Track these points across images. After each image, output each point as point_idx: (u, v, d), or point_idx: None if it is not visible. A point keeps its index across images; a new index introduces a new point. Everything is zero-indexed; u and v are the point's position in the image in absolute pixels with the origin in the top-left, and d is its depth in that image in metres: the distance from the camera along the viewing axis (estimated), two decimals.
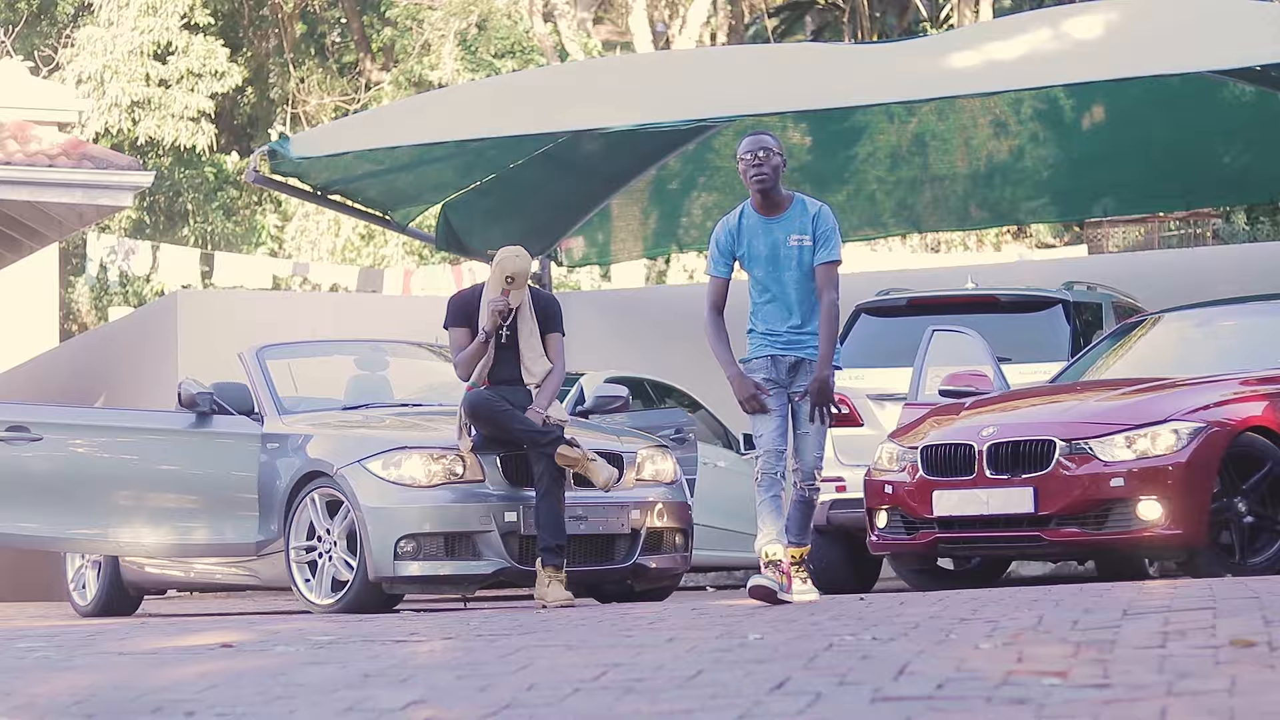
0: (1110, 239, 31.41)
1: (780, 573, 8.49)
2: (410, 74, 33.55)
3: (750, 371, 8.73)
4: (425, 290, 26.18)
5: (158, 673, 5.73)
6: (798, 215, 8.73)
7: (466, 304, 10.71)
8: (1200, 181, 18.17)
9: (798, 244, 8.67)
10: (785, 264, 8.68)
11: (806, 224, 8.69)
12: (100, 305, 33.76)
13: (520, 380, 10.54)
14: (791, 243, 8.67)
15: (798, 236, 8.68)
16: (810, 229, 8.68)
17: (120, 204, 18.75)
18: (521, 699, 4.62)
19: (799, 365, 8.73)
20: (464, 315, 10.65)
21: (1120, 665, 4.70)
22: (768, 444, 8.65)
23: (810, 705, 4.27)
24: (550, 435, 10.23)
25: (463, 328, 10.63)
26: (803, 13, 39.69)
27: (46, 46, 35.23)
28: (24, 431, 11.68)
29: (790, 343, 8.73)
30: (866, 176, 18.46)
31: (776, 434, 8.66)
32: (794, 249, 8.67)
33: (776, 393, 8.70)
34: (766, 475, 8.62)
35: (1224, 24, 13.03)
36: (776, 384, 8.71)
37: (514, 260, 10.52)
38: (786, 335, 8.72)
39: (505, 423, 10.30)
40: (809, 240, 8.67)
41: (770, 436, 8.65)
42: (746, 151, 8.66)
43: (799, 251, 8.67)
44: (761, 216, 8.75)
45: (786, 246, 8.68)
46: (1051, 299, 12.42)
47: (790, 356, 8.73)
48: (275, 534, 10.88)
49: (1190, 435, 9.68)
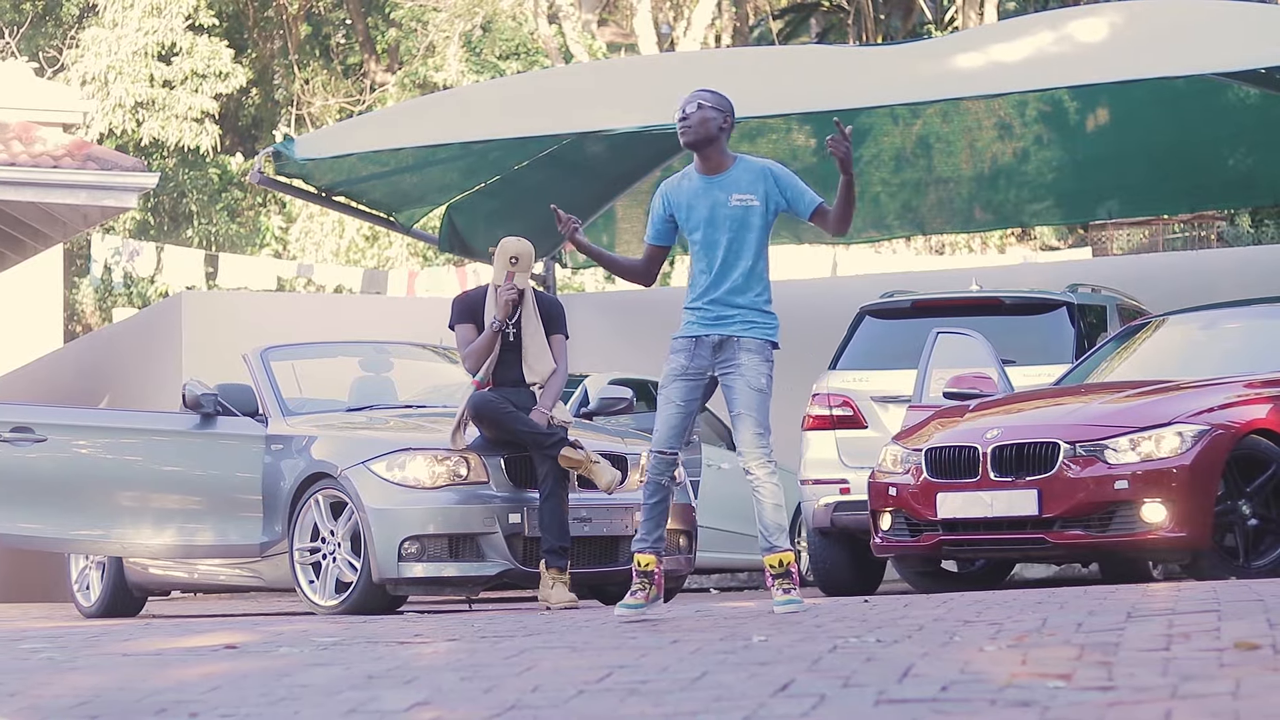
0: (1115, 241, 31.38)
1: (652, 583, 7.98)
2: (415, 75, 33.56)
3: (672, 353, 8.03)
4: (430, 292, 26.18)
5: (162, 674, 5.73)
6: (742, 174, 8.07)
7: (472, 303, 10.78)
8: (1205, 184, 18.17)
9: (741, 203, 8.01)
10: (723, 225, 8.01)
11: (754, 183, 8.04)
12: (105, 306, 33.78)
13: (523, 381, 10.57)
14: (734, 202, 8.01)
15: (740, 196, 8.02)
16: (760, 188, 8.04)
17: (125, 205, 18.75)
18: (526, 700, 4.62)
19: (724, 344, 7.98)
20: (470, 313, 10.73)
21: (1124, 668, 4.70)
22: (660, 443, 7.98)
23: (814, 708, 4.27)
24: (554, 437, 10.24)
25: (469, 324, 10.70)
26: (807, 15, 39.69)
27: (51, 47, 35.26)
28: (28, 432, 11.69)
29: (719, 318, 7.99)
30: (871, 179, 18.45)
31: (672, 433, 7.98)
32: (736, 209, 8.01)
33: (689, 384, 8.00)
34: (653, 482, 7.99)
35: (1228, 26, 13.03)
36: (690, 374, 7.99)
37: (516, 242, 10.61)
38: (716, 308, 7.99)
39: (509, 424, 10.31)
40: (755, 200, 8.02)
41: (664, 434, 7.99)
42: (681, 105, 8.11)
43: (743, 212, 8.00)
44: (702, 176, 8.11)
45: (728, 207, 8.01)
46: (1056, 301, 12.41)
47: (714, 335, 7.97)
48: (279, 535, 10.89)
49: (1195, 438, 9.68)
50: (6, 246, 20.46)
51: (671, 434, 7.98)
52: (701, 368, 8.02)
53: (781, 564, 7.88)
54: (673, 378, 8.03)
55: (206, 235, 33.47)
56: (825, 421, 12.20)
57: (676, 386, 8.02)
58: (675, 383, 8.02)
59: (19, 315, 26.09)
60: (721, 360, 8.00)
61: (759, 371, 7.95)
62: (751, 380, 7.94)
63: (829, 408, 12.20)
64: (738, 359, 7.96)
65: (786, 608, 7.78)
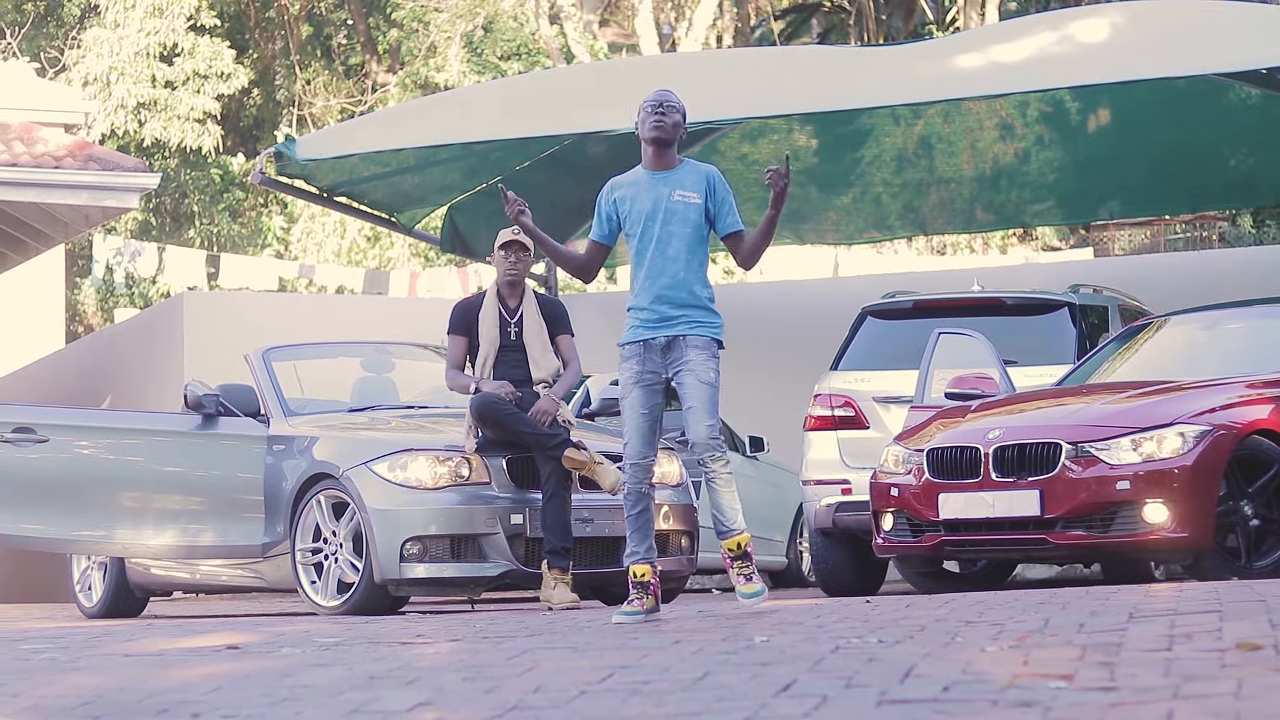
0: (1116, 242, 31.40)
1: (649, 594, 8.06)
2: (416, 76, 33.57)
3: (623, 360, 8.13)
4: (431, 292, 26.19)
5: (163, 674, 5.74)
6: (688, 173, 8.20)
7: (468, 312, 10.83)
8: (1206, 185, 18.18)
9: (683, 200, 8.11)
10: (668, 219, 8.10)
11: (698, 183, 8.15)
12: (106, 307, 33.79)
13: (528, 379, 10.59)
14: (676, 197, 8.11)
15: (683, 193, 8.12)
16: (701, 188, 8.15)
17: (126, 205, 18.76)
18: (527, 701, 4.62)
19: (671, 344, 8.08)
20: (464, 324, 10.80)
21: (1126, 668, 4.70)
22: (633, 455, 8.06)
23: (816, 708, 4.27)
24: (557, 439, 10.24)
25: (461, 336, 10.79)
26: (809, 15, 39.69)
27: (53, 48, 35.27)
28: (30, 433, 11.70)
29: (664, 319, 8.08)
30: (872, 179, 18.46)
31: (644, 443, 8.07)
32: (679, 204, 8.11)
33: (648, 390, 8.09)
34: (633, 492, 8.08)
35: (1230, 27, 13.04)
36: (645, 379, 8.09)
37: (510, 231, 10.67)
38: (661, 308, 8.07)
39: (512, 425, 10.32)
40: (697, 198, 8.12)
41: (636, 445, 8.07)
42: (649, 103, 8.18)
43: (684, 208, 8.11)
44: (649, 172, 8.23)
45: (671, 200, 8.10)
46: (1057, 302, 12.41)
47: (661, 337, 8.07)
48: (281, 536, 10.89)
49: (1196, 438, 9.68)
50: (8, 247, 20.47)
51: (644, 442, 8.09)
52: (655, 370, 8.12)
53: (740, 546, 8.05)
54: (630, 385, 8.13)
55: (208, 236, 33.48)
56: (827, 422, 12.21)
57: (637, 394, 8.12)
58: (634, 390, 8.13)
59: (21, 316, 26.09)
60: (671, 360, 8.11)
61: (708, 366, 8.07)
62: (701, 375, 8.05)
63: (831, 408, 12.21)
64: (686, 356, 8.07)
65: (752, 600, 7.99)
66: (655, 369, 8.11)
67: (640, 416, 8.09)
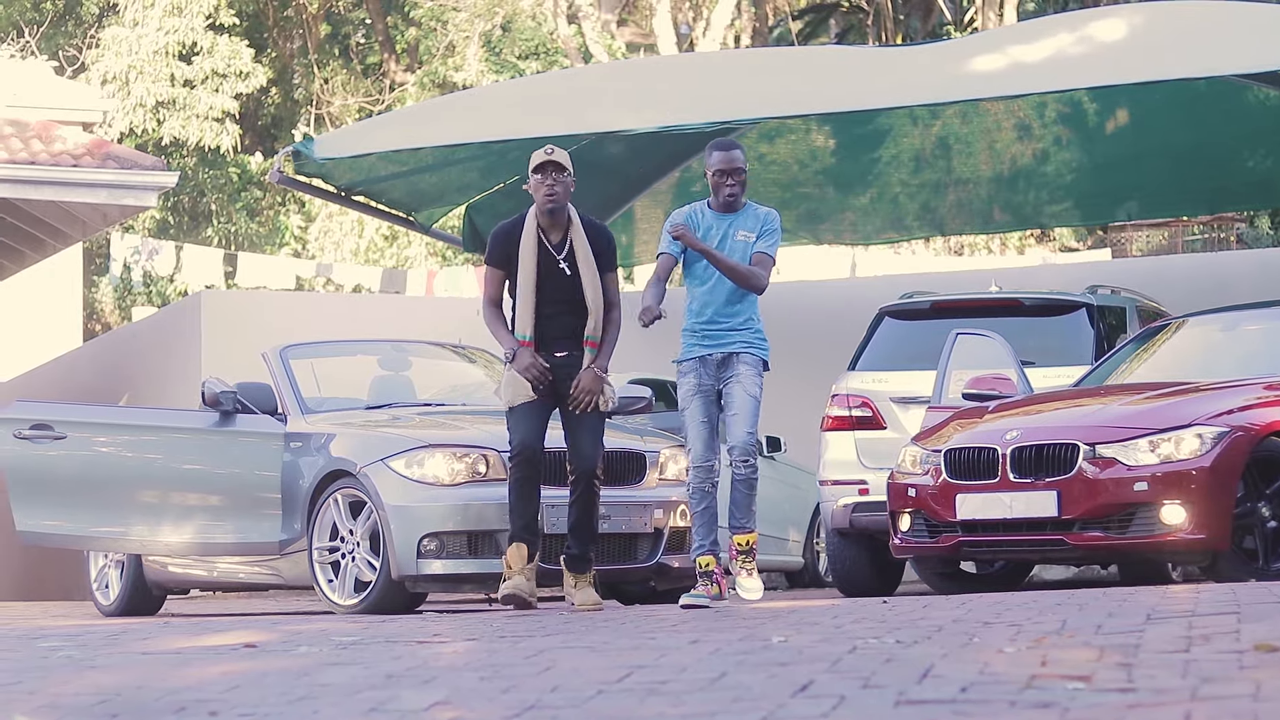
0: (1134, 243, 31.35)
1: (713, 582, 9.03)
2: (434, 75, 33.60)
3: (682, 374, 9.18)
4: (448, 291, 26.21)
5: (181, 672, 5.74)
6: (750, 215, 9.28)
7: (509, 242, 9.60)
8: (1224, 185, 18.13)
9: (744, 240, 9.19)
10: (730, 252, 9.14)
11: (755, 225, 9.23)
12: (124, 305, 33.86)
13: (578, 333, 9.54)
14: (739, 237, 9.18)
15: (745, 233, 9.21)
16: (757, 229, 9.23)
17: (144, 204, 18.80)
18: (545, 700, 4.62)
19: (726, 361, 9.13)
20: (504, 256, 9.59)
21: (1144, 669, 4.70)
22: (698, 458, 9.09)
23: (834, 708, 4.27)
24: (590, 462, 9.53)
25: (499, 270, 9.64)
26: (827, 15, 39.67)
27: (71, 47, 35.35)
28: (48, 430, 11.72)
29: (720, 339, 9.15)
30: (890, 179, 18.44)
31: (705, 447, 9.09)
32: (740, 244, 9.18)
33: (706, 400, 9.12)
34: (698, 490, 9.11)
35: (1248, 28, 13.02)
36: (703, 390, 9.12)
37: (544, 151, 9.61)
38: (716, 330, 9.16)
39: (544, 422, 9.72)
40: (754, 237, 9.22)
41: (699, 450, 9.09)
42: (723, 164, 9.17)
43: (744, 246, 9.18)
44: (715, 213, 9.27)
45: (734, 240, 9.17)
46: (1075, 303, 12.39)
47: (717, 353, 9.14)
48: (298, 533, 10.89)
49: (1214, 440, 9.66)
50: (26, 245, 20.51)
51: (705, 448, 9.10)
52: (711, 383, 9.16)
53: (748, 543, 9.17)
54: (690, 397, 9.16)
55: (226, 234, 33.55)
56: (844, 422, 12.19)
57: (697, 404, 9.14)
58: (694, 401, 9.15)
59: (39, 314, 26.15)
60: (724, 375, 9.16)
61: (754, 382, 9.14)
62: (748, 387, 9.11)
63: (848, 408, 12.20)
64: (737, 370, 9.14)
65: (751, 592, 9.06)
66: (710, 381, 9.15)
67: (701, 424, 9.11)
